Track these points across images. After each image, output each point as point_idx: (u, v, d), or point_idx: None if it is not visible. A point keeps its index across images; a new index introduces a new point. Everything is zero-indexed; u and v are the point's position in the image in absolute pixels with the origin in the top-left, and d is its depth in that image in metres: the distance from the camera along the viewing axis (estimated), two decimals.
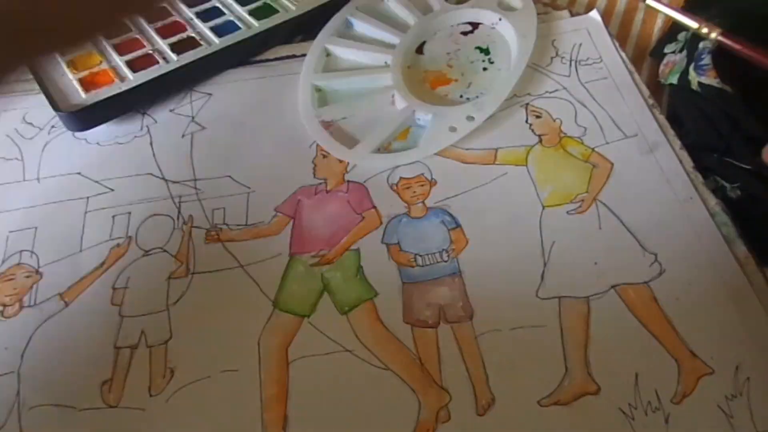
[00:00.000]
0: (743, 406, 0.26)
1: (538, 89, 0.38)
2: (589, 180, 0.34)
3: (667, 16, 0.39)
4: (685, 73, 0.36)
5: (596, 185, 0.33)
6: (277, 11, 0.41)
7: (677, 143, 0.35)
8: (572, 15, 0.42)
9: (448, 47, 0.40)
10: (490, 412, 0.27)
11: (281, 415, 0.27)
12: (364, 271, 0.31)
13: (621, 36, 0.43)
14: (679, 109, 0.36)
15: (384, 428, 0.27)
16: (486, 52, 0.39)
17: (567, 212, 0.33)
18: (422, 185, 0.34)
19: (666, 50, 0.40)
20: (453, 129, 0.34)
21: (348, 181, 0.34)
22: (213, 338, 0.29)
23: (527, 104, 0.37)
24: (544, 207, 0.33)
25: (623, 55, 0.39)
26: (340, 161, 0.35)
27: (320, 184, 0.34)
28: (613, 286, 0.30)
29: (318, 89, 0.38)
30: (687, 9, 0.38)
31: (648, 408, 0.26)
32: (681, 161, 0.34)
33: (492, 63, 0.38)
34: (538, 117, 0.36)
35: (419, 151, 0.34)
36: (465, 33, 0.40)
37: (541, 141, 0.35)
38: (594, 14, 0.41)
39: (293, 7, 0.41)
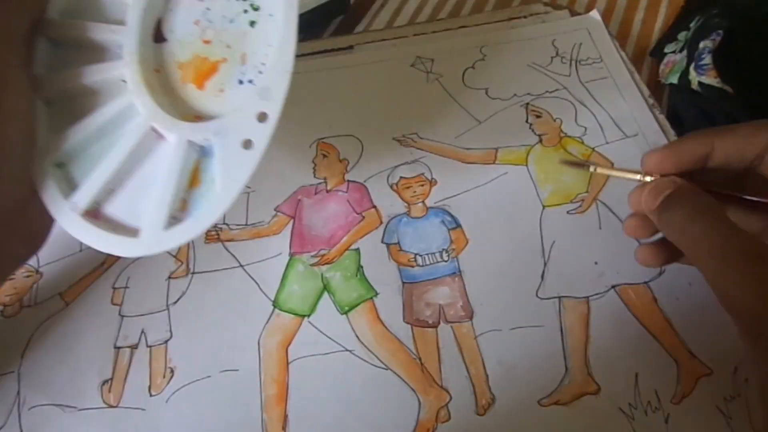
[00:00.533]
0: (741, 407, 0.26)
1: (538, 89, 0.38)
2: (589, 180, 0.34)
3: (666, 17, 0.39)
4: (685, 73, 0.36)
5: (596, 185, 0.33)
6: None
7: None
8: (572, 14, 0.42)
9: (193, 12, 0.26)
10: (490, 412, 0.27)
11: (281, 414, 0.27)
12: (365, 271, 0.31)
13: (621, 36, 0.43)
14: (679, 108, 0.36)
15: (384, 428, 0.27)
16: None
17: (567, 212, 0.33)
18: (422, 185, 0.34)
19: (666, 50, 0.40)
20: (248, 143, 0.23)
21: (348, 181, 0.34)
22: (213, 338, 0.29)
23: (527, 104, 0.37)
24: (544, 207, 0.33)
25: (623, 54, 0.39)
26: (340, 160, 0.35)
27: (320, 183, 0.34)
28: (613, 287, 0.30)
29: (58, 165, 0.25)
30: (687, 9, 0.38)
31: (648, 408, 0.26)
32: None
33: (257, 9, 0.26)
34: (538, 117, 0.36)
35: (222, 198, 0.23)
36: None
37: (541, 141, 0.35)
38: (594, 14, 0.41)
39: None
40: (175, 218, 0.24)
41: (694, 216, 0.22)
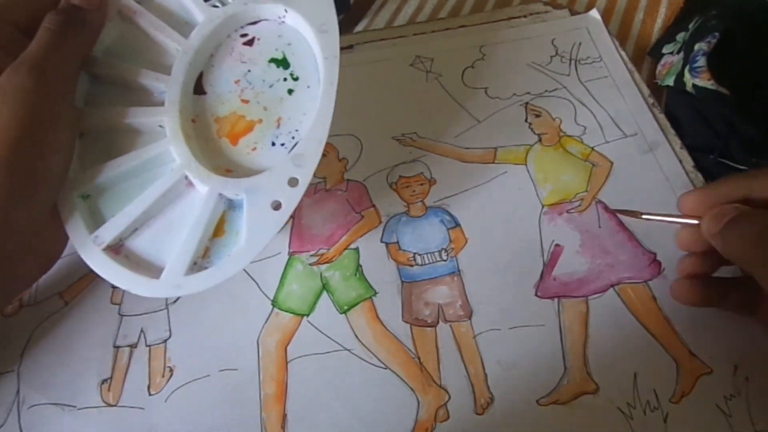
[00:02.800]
0: (742, 406, 0.26)
1: (537, 88, 0.38)
2: (588, 179, 0.34)
3: (666, 17, 0.39)
4: (680, 75, 0.36)
5: (596, 184, 0.33)
6: None
7: (677, 143, 0.35)
8: (572, 14, 0.42)
9: (235, 71, 0.27)
10: (489, 411, 0.27)
11: (280, 413, 0.27)
12: (363, 270, 0.31)
13: (621, 35, 0.43)
14: (676, 110, 0.36)
15: (383, 427, 0.27)
16: (284, 64, 0.27)
17: (567, 211, 0.32)
18: (421, 184, 0.34)
19: (664, 51, 0.40)
20: (277, 205, 0.24)
21: (347, 180, 0.34)
22: (212, 337, 0.29)
23: (527, 103, 0.37)
24: (543, 206, 0.33)
25: (623, 54, 0.39)
26: (340, 159, 0.35)
27: (319, 182, 0.34)
28: (612, 286, 0.30)
29: (84, 197, 0.26)
30: (686, 10, 0.38)
31: (647, 407, 0.26)
32: (681, 161, 0.34)
33: (296, 79, 0.27)
34: (537, 116, 0.36)
35: (246, 253, 0.24)
36: (249, 42, 0.28)
37: (540, 140, 0.35)
38: (594, 13, 0.41)
39: None
40: (196, 264, 0.25)
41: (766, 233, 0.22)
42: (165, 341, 0.29)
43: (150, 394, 0.28)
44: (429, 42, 0.41)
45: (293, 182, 0.25)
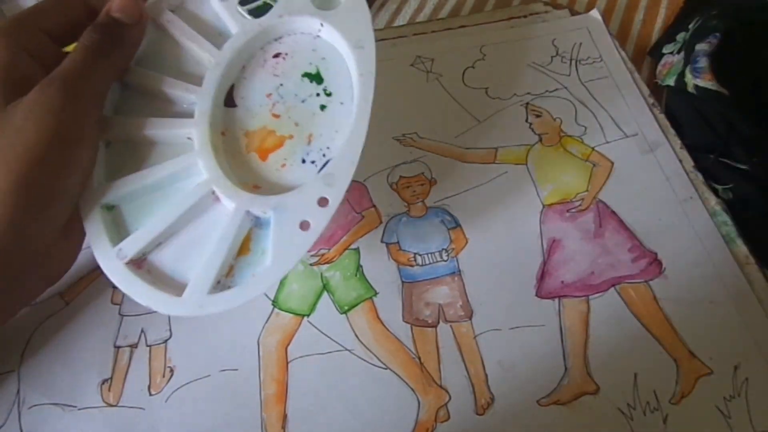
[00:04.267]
0: (741, 407, 0.26)
1: (538, 88, 0.38)
2: (589, 179, 0.34)
3: (666, 17, 0.39)
4: (681, 75, 0.36)
5: (596, 184, 0.33)
6: None
7: (677, 143, 0.35)
8: (572, 14, 0.42)
9: (267, 84, 0.27)
10: (490, 412, 0.27)
11: (281, 413, 0.27)
12: (364, 270, 0.31)
13: (621, 35, 0.43)
14: (676, 110, 0.36)
15: (383, 427, 0.27)
16: (318, 79, 0.27)
17: (567, 211, 0.33)
18: (422, 184, 0.34)
19: (664, 50, 0.40)
20: (305, 225, 0.24)
21: None
22: (212, 337, 0.29)
23: (527, 103, 0.37)
24: (544, 206, 0.33)
25: (623, 54, 0.39)
26: None
27: None
28: (612, 286, 0.30)
29: (108, 207, 0.25)
30: (686, 10, 0.38)
31: (647, 408, 0.26)
32: (681, 161, 0.34)
33: (330, 95, 0.27)
34: (538, 116, 0.36)
35: (272, 273, 0.23)
36: (283, 56, 0.27)
37: (541, 140, 0.35)
38: (594, 13, 0.41)
39: None
40: (219, 283, 0.24)
41: None
42: (165, 341, 0.29)
43: (150, 395, 0.28)
44: (429, 42, 0.41)
45: (323, 202, 0.24)
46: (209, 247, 0.24)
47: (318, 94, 0.27)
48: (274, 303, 0.30)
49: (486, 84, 0.38)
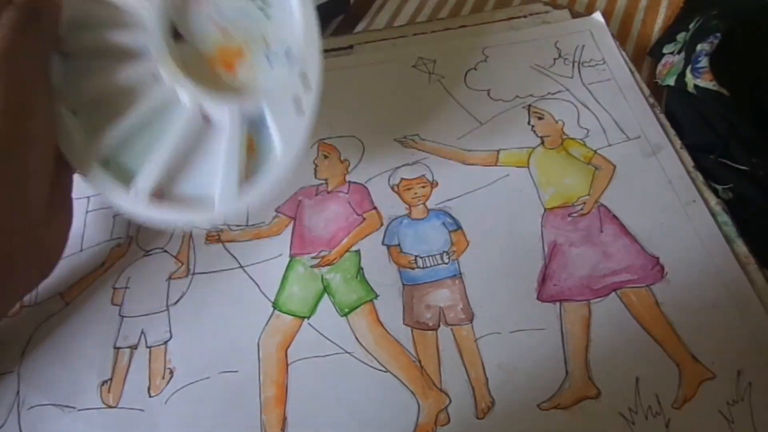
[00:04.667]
0: (744, 412, 0.26)
1: (540, 90, 0.38)
2: (591, 182, 0.33)
3: (666, 17, 0.38)
4: (681, 75, 0.36)
5: (598, 188, 0.33)
6: None
7: (677, 142, 0.35)
8: (573, 14, 0.42)
9: (205, 13, 0.27)
10: (490, 416, 0.27)
11: (280, 416, 0.27)
12: (365, 273, 0.31)
13: (621, 35, 0.43)
14: (676, 110, 0.36)
15: (383, 430, 0.27)
16: None
17: (569, 214, 0.32)
18: (423, 186, 0.34)
19: (664, 50, 0.40)
20: (298, 102, 0.26)
21: (349, 182, 0.34)
22: (212, 339, 0.29)
23: (529, 105, 0.37)
24: (545, 209, 0.33)
25: (626, 57, 0.39)
26: (341, 161, 0.35)
27: (321, 184, 0.34)
28: (614, 290, 0.30)
29: (105, 163, 0.26)
30: (687, 10, 0.38)
31: (648, 413, 0.26)
32: (683, 162, 0.34)
33: (267, 4, 0.27)
34: (540, 119, 0.36)
35: (285, 158, 0.26)
36: None
37: (543, 143, 0.35)
38: (597, 16, 0.41)
39: None
40: (242, 185, 0.26)
41: None
42: (165, 343, 0.29)
43: (150, 396, 0.28)
44: (431, 43, 0.41)
45: (302, 76, 0.26)
46: (219, 160, 0.26)
47: (258, 7, 0.27)
48: (275, 305, 0.30)
49: (488, 86, 0.38)
